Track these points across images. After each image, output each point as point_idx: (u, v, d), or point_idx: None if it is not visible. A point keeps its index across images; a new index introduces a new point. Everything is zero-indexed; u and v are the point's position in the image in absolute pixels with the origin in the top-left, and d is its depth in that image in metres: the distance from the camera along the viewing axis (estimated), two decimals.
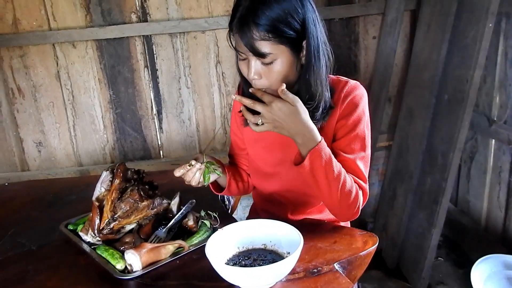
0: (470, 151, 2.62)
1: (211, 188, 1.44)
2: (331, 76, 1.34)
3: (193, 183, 1.27)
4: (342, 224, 1.48)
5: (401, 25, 2.67)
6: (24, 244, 1.35)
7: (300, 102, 1.14)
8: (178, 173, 1.25)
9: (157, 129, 2.77)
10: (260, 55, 1.13)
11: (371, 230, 2.88)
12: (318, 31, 1.19)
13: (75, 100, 2.67)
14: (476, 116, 2.43)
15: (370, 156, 1.32)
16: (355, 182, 1.25)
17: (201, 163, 1.27)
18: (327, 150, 1.17)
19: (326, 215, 1.45)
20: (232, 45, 1.19)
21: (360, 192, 1.26)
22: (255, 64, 1.16)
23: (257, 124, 1.15)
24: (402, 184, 2.59)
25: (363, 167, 1.29)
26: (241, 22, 1.12)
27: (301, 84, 1.23)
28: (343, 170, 1.20)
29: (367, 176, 1.31)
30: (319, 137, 1.16)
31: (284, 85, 1.12)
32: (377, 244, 1.21)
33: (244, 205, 2.05)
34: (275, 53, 1.14)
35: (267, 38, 1.11)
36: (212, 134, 2.78)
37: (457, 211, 2.73)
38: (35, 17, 2.51)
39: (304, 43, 1.17)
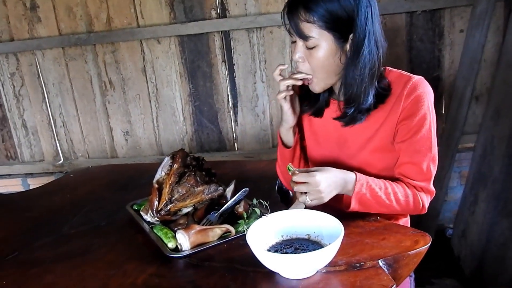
0: None
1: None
2: (393, 70, 1.30)
3: None
4: (401, 222, 1.43)
5: (492, 17, 2.48)
6: (94, 220, 1.48)
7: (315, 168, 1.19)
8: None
9: (233, 122, 2.85)
10: (303, 36, 1.16)
11: (450, 237, 2.73)
12: (369, 27, 1.16)
13: (159, 93, 2.84)
14: None
15: (436, 153, 1.28)
16: (411, 186, 1.27)
17: None
18: (366, 182, 1.20)
19: None
20: (285, 27, 1.23)
21: (422, 194, 1.28)
22: (300, 46, 1.20)
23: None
24: (484, 189, 2.40)
25: (428, 167, 1.27)
26: (292, 3, 1.17)
27: (343, 78, 1.23)
28: (389, 188, 1.23)
29: (433, 175, 1.29)
30: (353, 176, 1.20)
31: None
32: (429, 244, 1.14)
33: None
34: (318, 38, 1.15)
35: (312, 21, 1.14)
36: None
37: None
38: (125, 15, 2.72)
39: (351, 36, 1.16)
